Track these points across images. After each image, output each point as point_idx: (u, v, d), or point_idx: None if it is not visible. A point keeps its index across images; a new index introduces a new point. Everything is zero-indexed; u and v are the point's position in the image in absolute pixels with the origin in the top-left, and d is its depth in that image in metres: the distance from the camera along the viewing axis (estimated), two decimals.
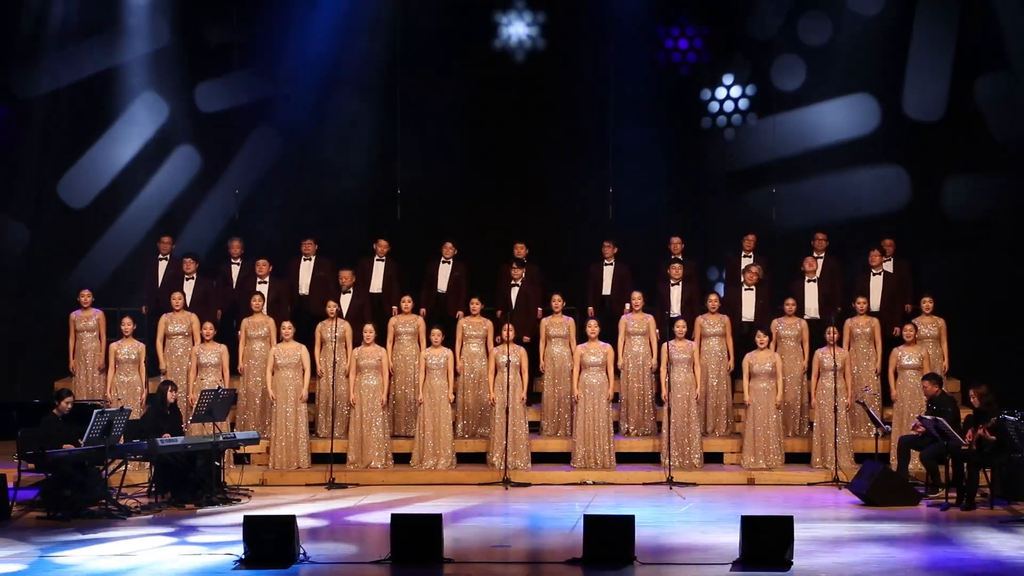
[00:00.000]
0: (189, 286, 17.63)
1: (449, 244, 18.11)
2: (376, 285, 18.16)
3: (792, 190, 19.41)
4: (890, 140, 19.15)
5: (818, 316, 17.50)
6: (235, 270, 18.18)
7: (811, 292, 17.68)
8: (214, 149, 19.65)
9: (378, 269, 18.19)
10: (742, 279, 17.70)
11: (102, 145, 19.49)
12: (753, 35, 19.39)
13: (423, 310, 17.68)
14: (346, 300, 17.46)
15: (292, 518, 12.42)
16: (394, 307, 17.80)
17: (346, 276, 17.62)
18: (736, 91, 19.69)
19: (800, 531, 12.43)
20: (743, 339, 17.18)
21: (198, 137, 19.59)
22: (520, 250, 18.05)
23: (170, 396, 15.59)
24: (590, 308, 17.88)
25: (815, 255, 17.99)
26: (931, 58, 18.97)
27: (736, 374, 17.06)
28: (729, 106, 19.73)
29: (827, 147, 19.36)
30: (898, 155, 19.17)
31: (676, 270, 17.76)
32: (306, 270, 18.19)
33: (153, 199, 19.54)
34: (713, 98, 19.74)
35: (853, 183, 19.28)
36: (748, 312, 17.55)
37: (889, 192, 19.18)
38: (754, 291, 17.63)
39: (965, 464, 14.94)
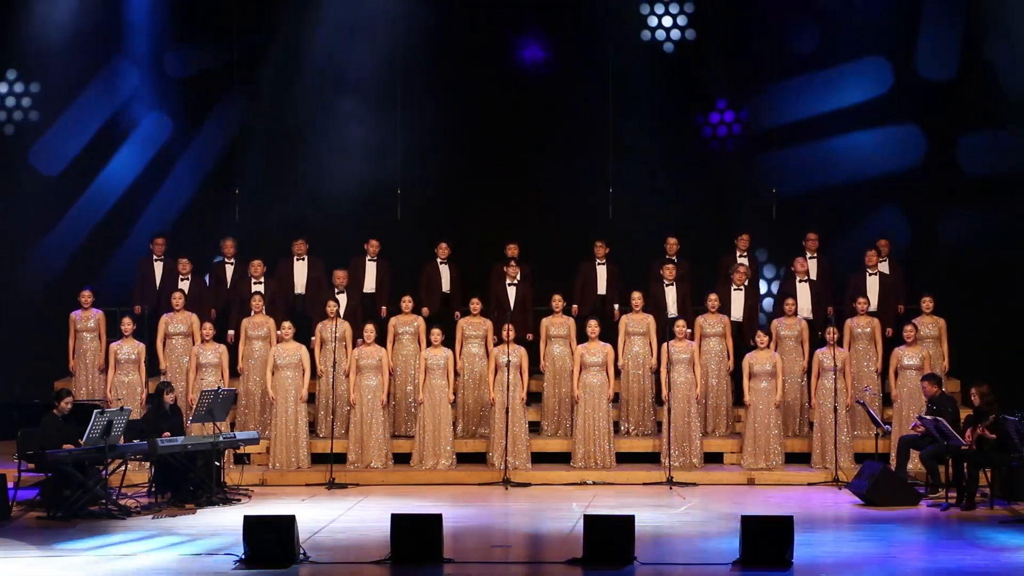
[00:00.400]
0: (184, 287, 17.61)
1: (444, 245, 18.12)
2: (369, 285, 18.16)
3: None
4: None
5: (811, 316, 17.52)
6: (229, 270, 18.19)
7: (803, 292, 17.69)
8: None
9: (370, 269, 18.19)
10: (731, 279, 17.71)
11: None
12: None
13: (425, 310, 17.67)
14: (341, 300, 17.44)
15: (292, 518, 12.42)
16: (383, 307, 17.80)
17: (340, 276, 17.61)
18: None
19: (800, 531, 12.43)
20: (733, 339, 17.22)
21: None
22: (512, 250, 18.03)
23: (168, 398, 15.57)
24: (574, 307, 17.81)
25: (807, 255, 18.00)
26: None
27: (736, 374, 17.07)
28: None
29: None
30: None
31: (670, 271, 17.77)
32: (300, 270, 18.19)
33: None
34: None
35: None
36: (737, 312, 17.56)
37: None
38: (743, 291, 17.64)
39: (965, 464, 14.94)
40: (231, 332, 17.46)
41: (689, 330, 16.88)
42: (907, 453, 15.81)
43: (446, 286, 18.12)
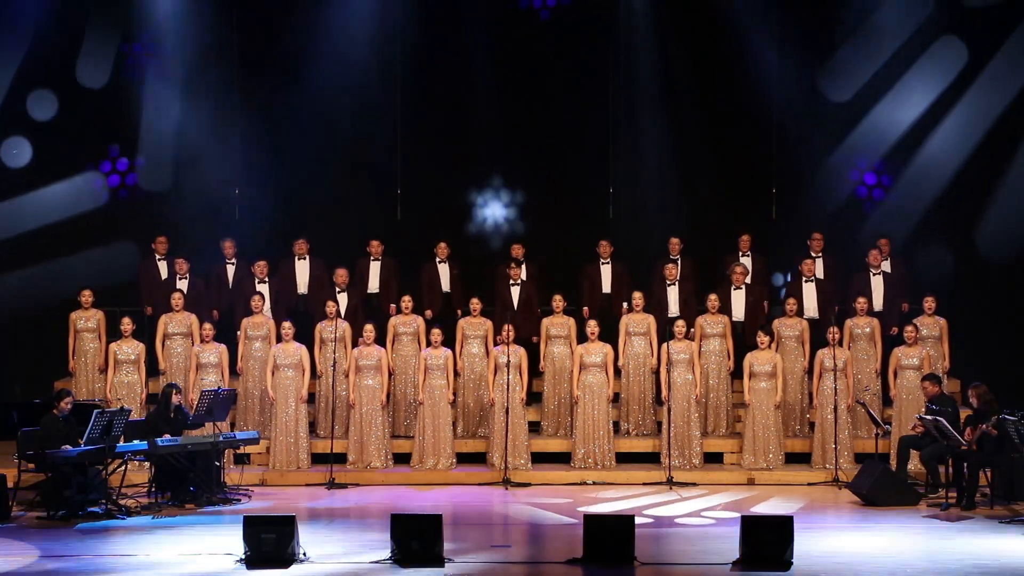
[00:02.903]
0: (182, 286, 17.59)
1: (443, 244, 18.12)
2: (373, 285, 18.15)
3: None
4: None
5: (817, 316, 17.51)
6: (230, 270, 18.18)
7: (809, 292, 17.69)
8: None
9: (374, 269, 18.18)
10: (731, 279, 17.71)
11: None
12: None
13: (428, 312, 17.66)
14: (342, 299, 17.42)
15: (292, 518, 12.43)
16: (392, 306, 17.78)
17: (341, 275, 17.59)
18: None
19: (800, 531, 12.44)
20: (736, 339, 17.20)
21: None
22: (516, 251, 18.03)
23: (175, 399, 15.56)
24: (585, 308, 17.86)
25: (812, 255, 18.00)
26: None
27: (736, 374, 17.07)
28: None
29: None
30: None
31: (671, 270, 17.77)
32: (302, 270, 18.18)
33: None
34: None
35: None
36: (738, 312, 17.56)
37: None
38: (743, 290, 17.64)
39: (965, 464, 14.95)
40: (240, 333, 17.35)
41: (689, 330, 16.89)
42: (907, 453, 15.81)
43: (446, 286, 18.12)
